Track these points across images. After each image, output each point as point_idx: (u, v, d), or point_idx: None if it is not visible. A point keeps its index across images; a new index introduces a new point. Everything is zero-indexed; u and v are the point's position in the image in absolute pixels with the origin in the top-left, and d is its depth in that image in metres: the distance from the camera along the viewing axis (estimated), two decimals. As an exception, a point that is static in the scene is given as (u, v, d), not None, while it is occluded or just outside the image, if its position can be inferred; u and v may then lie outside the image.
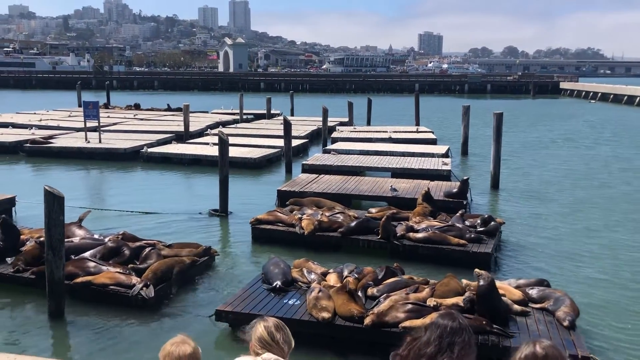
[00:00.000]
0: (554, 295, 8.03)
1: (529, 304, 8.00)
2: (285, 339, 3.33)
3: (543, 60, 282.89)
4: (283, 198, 14.82)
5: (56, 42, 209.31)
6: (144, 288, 8.64)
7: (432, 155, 21.27)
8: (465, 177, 14.98)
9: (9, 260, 9.73)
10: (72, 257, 9.50)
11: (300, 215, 12.14)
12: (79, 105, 40.28)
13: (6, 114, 36.12)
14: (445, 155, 21.66)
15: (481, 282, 7.47)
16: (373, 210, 12.95)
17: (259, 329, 3.32)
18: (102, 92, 57.35)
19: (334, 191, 15.21)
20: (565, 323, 7.36)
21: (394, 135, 27.15)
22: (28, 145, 24.12)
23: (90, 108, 24.21)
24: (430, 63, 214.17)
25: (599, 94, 67.79)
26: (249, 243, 12.05)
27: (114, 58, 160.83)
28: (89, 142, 24.23)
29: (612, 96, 64.25)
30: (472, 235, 11.02)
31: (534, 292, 8.23)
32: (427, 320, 7.03)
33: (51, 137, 26.26)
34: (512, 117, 41.89)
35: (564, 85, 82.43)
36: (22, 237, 10.54)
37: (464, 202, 14.08)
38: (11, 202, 13.73)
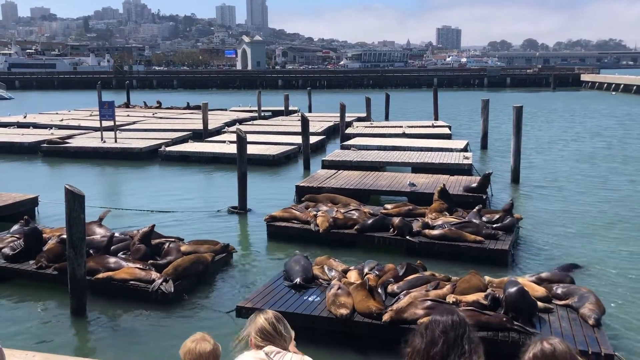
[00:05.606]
0: (579, 292, 7.81)
1: (553, 301, 7.84)
2: (286, 330, 3.30)
3: (563, 53, 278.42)
4: (301, 194, 14.81)
5: (77, 43, 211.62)
6: (164, 283, 8.71)
7: (451, 150, 21.10)
8: (487, 172, 14.58)
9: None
10: (91, 252, 9.59)
11: (315, 212, 12.09)
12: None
13: (29, 115, 36.57)
14: (465, 149, 21.48)
15: (510, 289, 7.25)
16: (389, 206, 12.77)
17: (260, 320, 3.28)
18: (122, 91, 57.99)
19: (352, 186, 15.17)
20: (591, 321, 7.13)
21: (408, 131, 27.00)
22: (45, 145, 24.31)
23: (105, 108, 24.06)
24: (448, 57, 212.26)
25: (621, 85, 66.68)
26: (265, 240, 12.06)
27: (134, 58, 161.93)
28: (104, 142, 24.36)
29: (634, 87, 63.09)
30: (489, 232, 10.88)
31: (558, 288, 8.05)
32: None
33: (69, 137, 26.52)
34: (532, 110, 41.44)
35: (584, 77, 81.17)
36: (44, 235, 10.69)
37: (484, 197, 13.90)
38: (34, 202, 13.93)
